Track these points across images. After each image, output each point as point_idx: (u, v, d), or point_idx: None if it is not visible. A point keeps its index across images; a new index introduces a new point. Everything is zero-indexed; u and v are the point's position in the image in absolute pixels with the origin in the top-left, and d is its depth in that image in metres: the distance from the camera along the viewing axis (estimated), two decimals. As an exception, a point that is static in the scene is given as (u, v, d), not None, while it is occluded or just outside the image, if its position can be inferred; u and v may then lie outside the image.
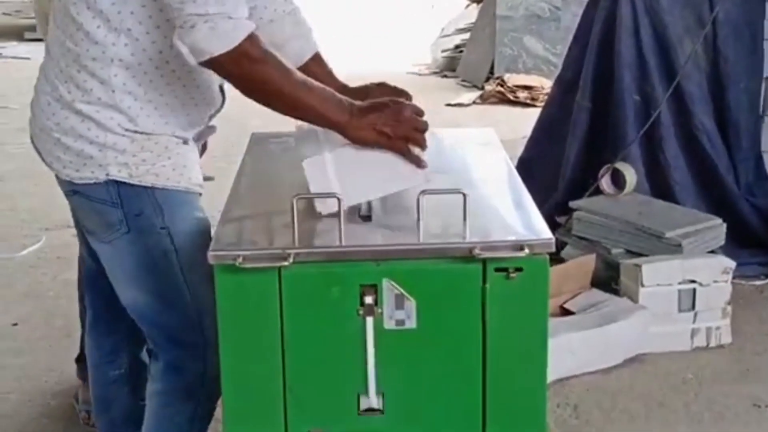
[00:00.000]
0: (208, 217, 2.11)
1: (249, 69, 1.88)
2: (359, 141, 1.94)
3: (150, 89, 1.98)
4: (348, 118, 1.93)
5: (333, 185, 1.94)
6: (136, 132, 1.99)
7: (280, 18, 2.25)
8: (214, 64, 1.88)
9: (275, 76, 1.90)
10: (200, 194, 2.12)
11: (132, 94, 1.97)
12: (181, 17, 1.84)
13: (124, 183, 1.99)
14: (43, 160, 2.07)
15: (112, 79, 1.95)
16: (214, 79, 2.05)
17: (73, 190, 2.05)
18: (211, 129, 2.19)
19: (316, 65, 2.27)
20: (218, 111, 2.15)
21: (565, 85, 4.44)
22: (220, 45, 1.84)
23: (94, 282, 2.25)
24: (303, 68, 2.16)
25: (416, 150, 1.96)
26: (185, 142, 2.06)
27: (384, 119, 1.93)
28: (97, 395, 2.40)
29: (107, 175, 1.99)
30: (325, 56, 2.32)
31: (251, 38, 1.87)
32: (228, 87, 2.07)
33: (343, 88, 2.18)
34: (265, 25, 2.20)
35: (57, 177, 2.07)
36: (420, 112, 1.97)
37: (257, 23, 2.18)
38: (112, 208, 2.01)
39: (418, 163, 1.95)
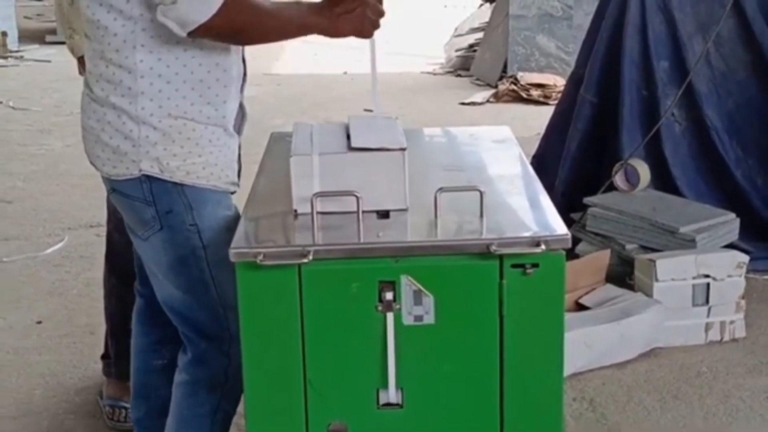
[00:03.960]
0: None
1: (241, 21, 1.93)
2: (338, 35, 2.04)
3: (179, 67, 1.98)
4: (325, 21, 2.02)
5: (314, 186, 1.95)
6: (170, 116, 1.99)
7: None
8: (206, 30, 1.90)
9: (263, 17, 1.96)
10: (233, 192, 2.13)
11: (162, 77, 1.98)
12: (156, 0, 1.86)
13: (156, 179, 2.01)
14: (89, 159, 2.10)
15: (138, 65, 1.97)
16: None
17: (112, 188, 2.10)
18: (245, 117, 2.18)
19: None
20: (245, 79, 2.15)
21: (577, 83, 4.44)
22: (206, 10, 1.87)
23: (147, 276, 2.25)
24: None
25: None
26: (226, 132, 2.06)
27: (338, 14, 2.02)
28: (137, 382, 2.42)
29: (140, 170, 2.01)
30: None
31: None
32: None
33: None
34: None
35: (101, 176, 2.11)
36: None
37: None
38: (146, 206, 2.04)
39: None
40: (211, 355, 2.14)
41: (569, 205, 4.05)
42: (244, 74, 2.14)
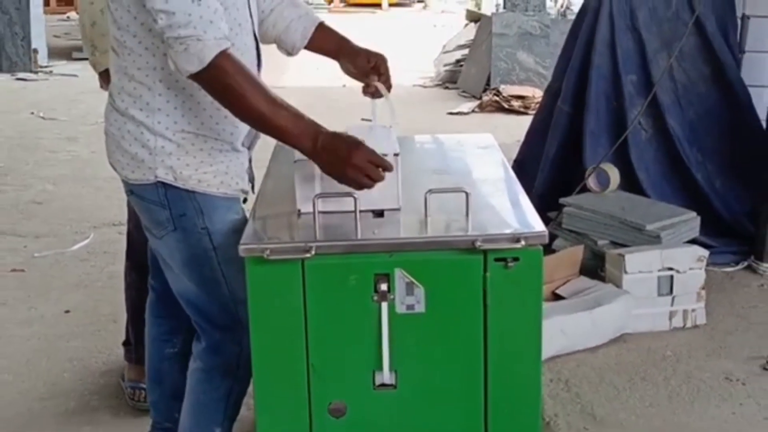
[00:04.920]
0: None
1: (221, 85, 1.87)
2: (319, 166, 1.91)
3: (195, 90, 1.96)
4: (311, 146, 1.88)
5: (316, 188, 1.95)
6: (183, 131, 1.99)
7: (279, 4, 2.26)
8: (195, 80, 1.88)
9: (247, 94, 1.87)
10: (243, 199, 2.12)
11: (178, 97, 1.98)
12: (165, 41, 1.86)
13: (170, 186, 2.00)
14: (109, 162, 2.09)
15: (157, 84, 1.97)
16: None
17: (130, 190, 2.09)
18: (258, 135, 2.18)
19: (321, 34, 2.27)
20: None
21: (554, 94, 4.45)
22: (193, 64, 1.84)
23: (159, 270, 2.25)
24: (311, 41, 2.24)
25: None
26: (234, 148, 2.06)
27: (337, 157, 1.87)
28: (151, 368, 2.41)
29: (156, 177, 2.00)
30: (329, 23, 2.32)
31: (223, 57, 1.85)
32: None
33: (347, 45, 2.25)
34: (267, 16, 2.24)
35: (121, 178, 2.09)
36: (376, 161, 1.89)
37: (260, 15, 2.19)
38: (161, 209, 2.03)
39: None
40: (224, 344, 2.13)
41: (547, 205, 4.05)
42: None
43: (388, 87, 2.22)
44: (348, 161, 1.87)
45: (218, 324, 2.13)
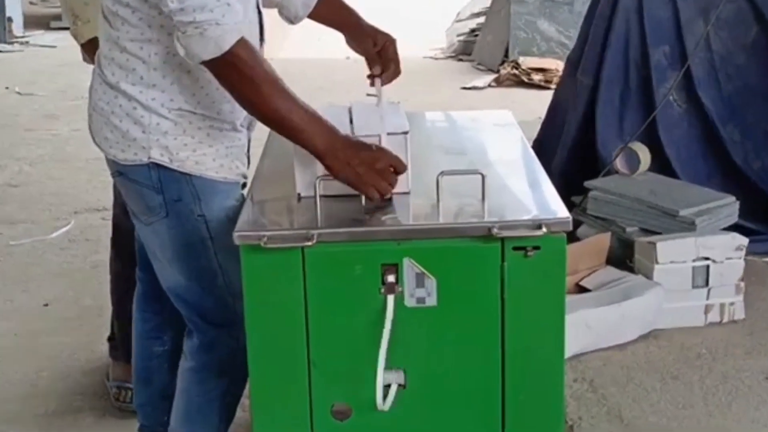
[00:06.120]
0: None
1: (237, 75, 1.88)
2: (332, 171, 1.92)
3: (192, 65, 1.96)
4: (325, 148, 1.90)
5: (317, 170, 1.95)
6: (180, 110, 1.99)
7: None
8: (207, 66, 1.89)
9: (263, 87, 1.89)
10: (243, 183, 2.12)
11: (175, 72, 1.97)
12: (175, 24, 1.86)
13: (165, 168, 2.00)
14: (94, 140, 2.09)
15: (152, 57, 1.96)
16: None
17: (118, 171, 2.08)
18: None
19: (327, 3, 2.29)
20: None
21: (573, 66, 4.42)
22: (209, 51, 1.85)
23: (147, 261, 2.25)
24: (315, 10, 2.26)
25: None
26: (234, 128, 2.06)
27: (360, 160, 1.91)
28: (139, 367, 2.42)
29: (149, 158, 2.00)
30: None
31: (240, 44, 1.86)
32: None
33: (354, 19, 2.26)
34: None
35: (105, 158, 2.09)
36: (398, 167, 1.94)
37: None
38: (153, 192, 2.02)
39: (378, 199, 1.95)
40: (219, 341, 2.14)
41: (570, 189, 4.05)
42: None
43: (397, 73, 2.24)
44: (372, 165, 1.91)
45: (213, 320, 2.13)
